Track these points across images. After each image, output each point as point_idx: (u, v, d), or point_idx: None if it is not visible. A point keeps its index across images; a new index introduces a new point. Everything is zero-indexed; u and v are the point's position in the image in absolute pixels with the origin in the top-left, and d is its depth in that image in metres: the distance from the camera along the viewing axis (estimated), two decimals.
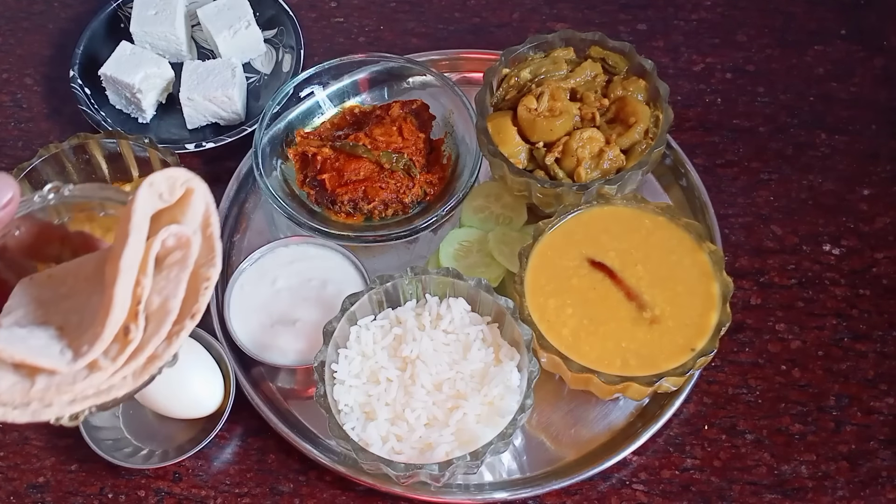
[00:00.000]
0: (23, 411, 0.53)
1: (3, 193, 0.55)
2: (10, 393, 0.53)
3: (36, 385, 0.53)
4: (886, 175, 1.09)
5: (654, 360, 0.87)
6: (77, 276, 0.59)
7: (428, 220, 1.01)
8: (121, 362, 0.53)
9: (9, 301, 0.58)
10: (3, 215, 0.55)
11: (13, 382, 0.53)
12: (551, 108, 0.98)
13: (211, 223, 0.56)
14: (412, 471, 0.83)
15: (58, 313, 0.57)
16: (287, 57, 1.19)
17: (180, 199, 0.55)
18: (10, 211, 0.55)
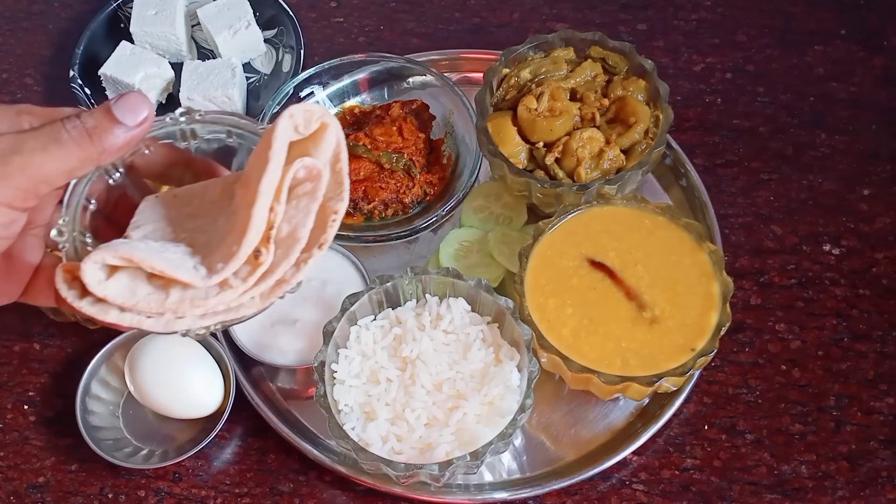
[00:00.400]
0: (156, 321, 0.55)
1: (139, 111, 0.56)
2: (146, 302, 0.54)
3: (170, 297, 0.54)
4: (886, 175, 1.09)
5: (654, 360, 0.87)
6: (202, 198, 0.61)
7: (428, 220, 1.01)
8: (250, 283, 0.55)
9: (135, 216, 0.61)
10: (139, 132, 0.57)
11: (148, 293, 0.55)
12: (551, 108, 0.98)
13: (340, 159, 0.58)
14: (412, 471, 0.83)
15: (184, 231, 0.59)
16: (287, 57, 1.19)
17: (313, 133, 0.57)
18: (144, 129, 0.57)
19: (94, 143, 0.55)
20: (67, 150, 0.55)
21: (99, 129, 0.56)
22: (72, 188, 0.60)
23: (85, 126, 0.56)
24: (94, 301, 0.54)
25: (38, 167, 0.54)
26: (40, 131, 0.55)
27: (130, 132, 0.56)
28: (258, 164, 0.55)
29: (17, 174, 0.53)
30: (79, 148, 0.55)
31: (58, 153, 0.55)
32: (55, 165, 0.55)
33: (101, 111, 0.56)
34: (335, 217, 0.57)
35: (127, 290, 0.54)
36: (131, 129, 0.56)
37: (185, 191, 0.62)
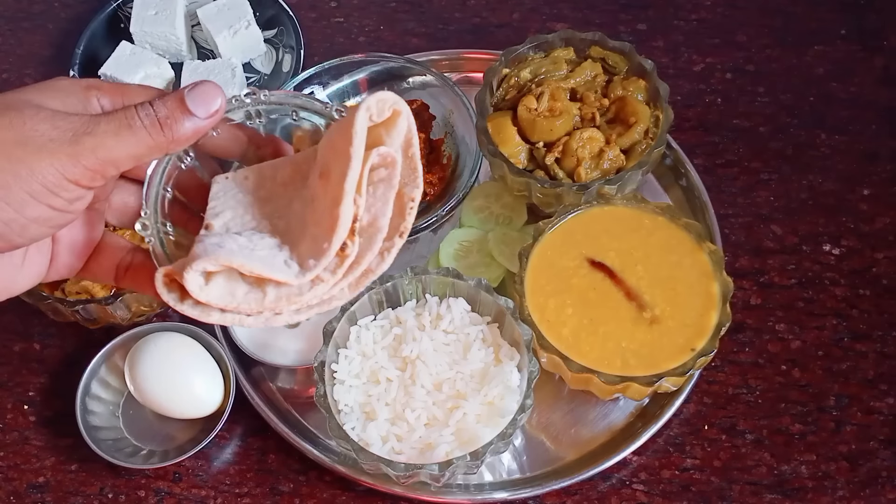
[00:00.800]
0: (256, 319, 0.57)
1: (212, 103, 0.57)
2: (246, 303, 0.56)
3: (268, 296, 0.56)
4: (886, 175, 1.09)
5: (654, 360, 0.87)
6: (273, 180, 0.62)
7: (428, 220, 1.01)
8: (339, 275, 0.56)
9: (211, 202, 0.62)
10: (209, 123, 0.58)
11: (246, 291, 0.56)
12: (551, 108, 0.98)
13: (412, 144, 0.58)
14: (412, 471, 0.83)
15: (263, 217, 0.60)
16: (287, 57, 1.19)
17: (386, 119, 0.57)
18: (215, 120, 0.58)
19: (164, 133, 0.56)
20: (138, 137, 0.56)
21: (171, 120, 0.56)
22: (149, 179, 0.61)
23: (157, 115, 0.56)
24: (195, 304, 0.56)
25: (108, 150, 0.55)
26: (113, 116, 0.56)
27: (201, 123, 0.57)
28: (338, 160, 0.56)
29: (88, 154, 0.55)
30: (149, 136, 0.56)
31: (129, 139, 0.56)
32: (125, 150, 0.56)
33: (174, 100, 0.57)
34: (412, 204, 0.58)
35: (226, 292, 0.56)
36: (202, 120, 0.57)
37: (256, 172, 0.63)
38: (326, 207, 0.56)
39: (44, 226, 0.57)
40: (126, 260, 0.64)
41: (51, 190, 0.54)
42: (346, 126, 0.56)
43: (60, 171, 0.54)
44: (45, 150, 0.54)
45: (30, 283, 0.62)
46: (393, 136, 0.58)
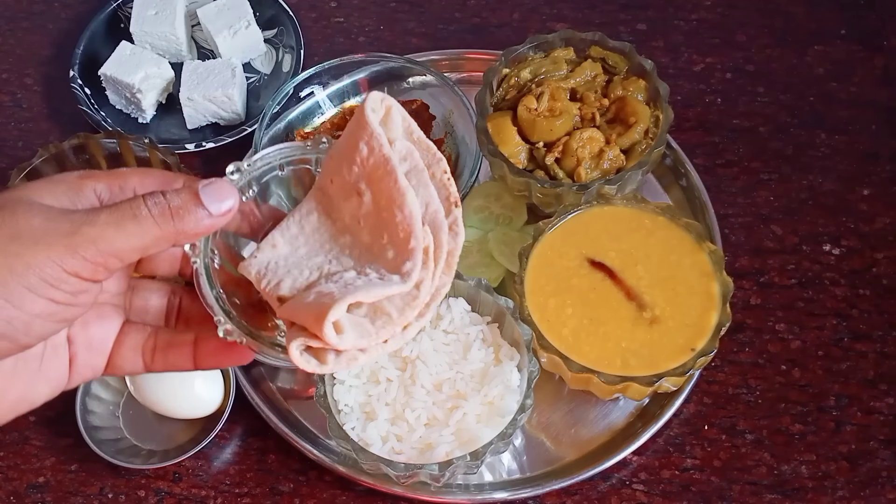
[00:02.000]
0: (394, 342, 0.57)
1: (225, 201, 0.57)
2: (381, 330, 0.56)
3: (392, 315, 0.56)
4: (886, 175, 1.09)
5: (654, 360, 0.87)
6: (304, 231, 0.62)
7: None
8: (431, 266, 0.57)
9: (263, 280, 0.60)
10: (221, 221, 0.57)
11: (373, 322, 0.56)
12: (551, 108, 0.98)
13: (413, 129, 0.59)
14: (412, 471, 0.83)
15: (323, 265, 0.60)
16: (287, 57, 1.19)
17: (383, 117, 0.58)
18: (226, 218, 0.57)
19: (174, 223, 0.55)
20: (143, 228, 0.54)
21: (183, 211, 0.55)
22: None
23: (169, 204, 0.55)
24: (337, 356, 0.56)
25: (109, 241, 0.53)
26: (117, 206, 0.55)
27: (213, 219, 0.56)
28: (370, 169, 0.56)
29: (87, 245, 0.53)
30: (157, 226, 0.55)
31: (133, 229, 0.54)
32: (128, 241, 0.54)
33: (187, 192, 0.56)
34: (447, 175, 0.59)
35: (359, 332, 0.56)
36: (214, 217, 0.56)
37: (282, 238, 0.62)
38: (383, 217, 0.57)
39: (49, 321, 0.55)
40: (150, 344, 0.63)
41: (50, 283, 0.53)
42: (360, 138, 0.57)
43: (58, 263, 0.52)
44: (42, 243, 0.52)
45: (51, 391, 0.60)
46: (392, 129, 0.58)
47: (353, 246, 0.60)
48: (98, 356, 0.62)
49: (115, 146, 1.05)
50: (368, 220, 0.58)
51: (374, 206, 0.58)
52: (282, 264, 0.61)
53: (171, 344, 0.62)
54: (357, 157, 0.57)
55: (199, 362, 0.63)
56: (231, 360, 0.64)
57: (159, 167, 1.05)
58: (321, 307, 0.54)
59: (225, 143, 1.11)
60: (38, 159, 1.02)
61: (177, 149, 1.09)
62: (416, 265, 0.56)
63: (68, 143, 1.03)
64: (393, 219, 0.56)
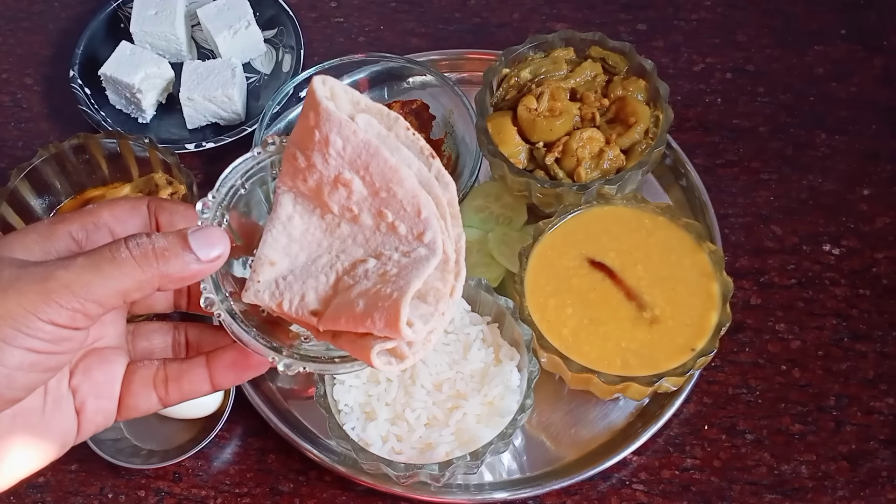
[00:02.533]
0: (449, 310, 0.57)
1: (215, 248, 0.55)
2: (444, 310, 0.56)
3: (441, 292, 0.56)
4: (886, 175, 1.09)
5: (654, 360, 0.87)
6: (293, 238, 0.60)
7: None
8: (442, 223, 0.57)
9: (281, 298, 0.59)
10: (208, 268, 0.55)
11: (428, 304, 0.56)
12: (551, 108, 0.98)
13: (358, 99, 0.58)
14: (412, 471, 0.83)
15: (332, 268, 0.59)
16: (287, 57, 1.19)
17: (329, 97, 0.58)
18: (214, 267, 0.55)
19: (159, 265, 0.52)
20: (123, 271, 0.52)
21: (169, 253, 0.53)
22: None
23: (154, 245, 0.53)
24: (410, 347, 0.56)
25: (85, 286, 0.51)
26: (95, 250, 0.52)
27: (200, 265, 0.54)
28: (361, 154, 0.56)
29: (61, 291, 0.50)
30: (138, 268, 0.52)
31: (111, 272, 0.51)
32: (107, 285, 0.51)
33: (175, 235, 0.54)
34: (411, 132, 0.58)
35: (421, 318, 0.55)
36: (201, 262, 0.54)
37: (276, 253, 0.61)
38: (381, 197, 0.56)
39: (32, 371, 0.52)
40: (161, 377, 0.61)
41: (25, 333, 0.50)
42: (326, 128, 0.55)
43: (30, 310, 0.50)
44: (12, 290, 0.50)
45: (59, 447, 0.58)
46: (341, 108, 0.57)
47: (356, 234, 0.59)
48: (107, 401, 0.59)
49: (115, 146, 1.05)
50: (363, 204, 0.58)
51: (368, 190, 0.57)
52: (291, 279, 0.59)
53: (183, 371, 0.60)
54: (331, 149, 0.56)
55: (217, 382, 0.61)
56: (249, 372, 0.62)
57: (159, 167, 1.05)
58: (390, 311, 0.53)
59: (225, 143, 1.11)
60: (38, 159, 1.02)
61: (177, 149, 1.09)
62: (437, 231, 0.56)
63: (68, 143, 1.03)
64: (394, 196, 0.56)
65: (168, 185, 1.03)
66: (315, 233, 0.60)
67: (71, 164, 1.05)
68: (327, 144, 0.56)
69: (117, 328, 0.60)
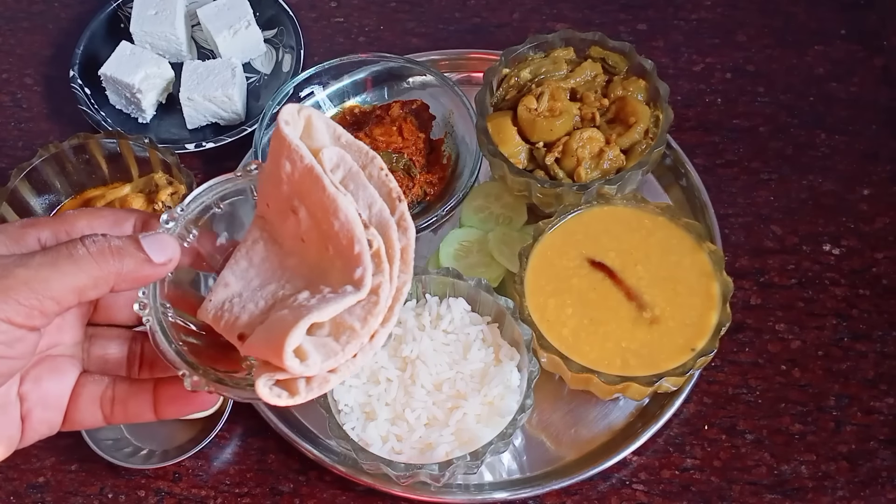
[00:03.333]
0: (363, 357, 0.55)
1: (166, 252, 0.56)
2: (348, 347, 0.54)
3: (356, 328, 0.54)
4: (886, 175, 1.09)
5: (654, 360, 0.87)
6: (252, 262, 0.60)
7: (428, 220, 1.01)
8: (387, 267, 0.55)
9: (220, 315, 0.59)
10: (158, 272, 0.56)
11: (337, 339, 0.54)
12: (551, 108, 0.98)
13: (339, 133, 0.58)
14: (412, 471, 0.83)
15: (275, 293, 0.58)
16: (287, 57, 1.19)
17: (305, 127, 0.57)
18: (164, 270, 0.56)
19: (114, 262, 0.53)
20: (80, 267, 0.52)
21: (124, 251, 0.54)
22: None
23: (109, 243, 0.53)
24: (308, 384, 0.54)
25: (44, 282, 0.51)
26: (52, 248, 0.53)
27: (152, 268, 0.55)
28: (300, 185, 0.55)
29: (20, 287, 0.50)
30: (95, 264, 0.53)
31: (69, 268, 0.52)
32: (65, 282, 0.52)
33: (128, 238, 0.55)
34: (385, 171, 0.57)
35: (322, 353, 0.53)
36: (154, 265, 0.55)
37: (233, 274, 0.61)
38: (322, 229, 0.55)
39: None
40: (108, 395, 0.60)
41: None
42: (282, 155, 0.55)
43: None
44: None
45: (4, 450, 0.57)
46: (318, 138, 0.57)
47: (301, 266, 0.58)
48: (54, 412, 0.59)
49: (115, 146, 1.05)
50: (310, 235, 0.56)
51: (311, 221, 0.56)
52: (236, 301, 0.59)
53: (131, 394, 0.60)
54: (283, 174, 0.55)
55: (160, 412, 0.61)
56: (192, 407, 0.62)
57: (159, 167, 1.05)
58: (279, 336, 0.52)
59: (225, 143, 1.11)
60: (38, 159, 1.02)
61: (177, 149, 1.09)
62: (367, 269, 0.54)
63: (68, 143, 1.03)
64: (332, 228, 0.54)
65: (168, 185, 1.03)
66: (272, 261, 0.60)
67: (71, 164, 1.05)
68: (280, 169, 0.55)
69: (74, 335, 0.60)
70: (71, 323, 0.59)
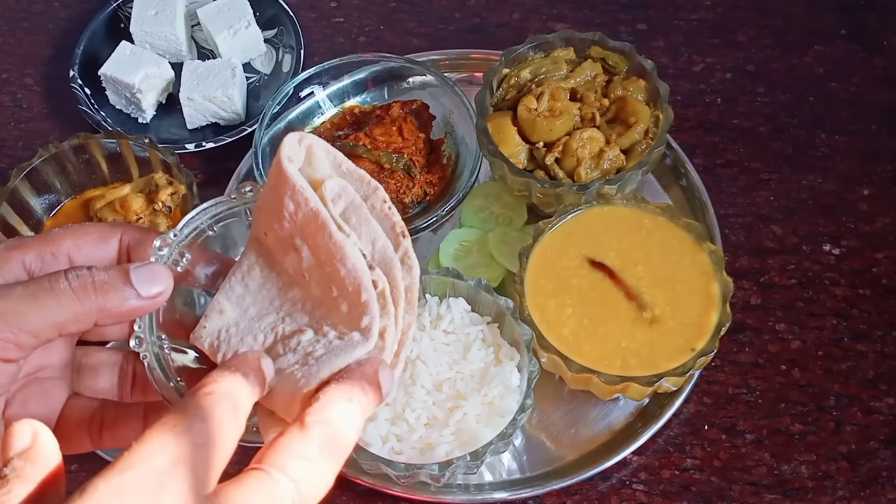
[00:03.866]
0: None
1: (156, 284, 0.54)
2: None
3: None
4: (886, 175, 1.09)
5: (654, 360, 0.87)
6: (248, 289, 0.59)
7: (428, 220, 1.01)
8: (392, 309, 0.54)
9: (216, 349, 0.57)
10: (148, 305, 0.54)
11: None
12: (551, 108, 0.98)
13: (341, 161, 0.57)
14: (412, 471, 0.83)
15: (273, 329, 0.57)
16: (287, 57, 1.19)
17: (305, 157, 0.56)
18: (155, 304, 0.54)
19: (97, 298, 0.51)
20: (60, 302, 0.51)
21: (108, 286, 0.52)
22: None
23: (93, 278, 0.52)
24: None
25: (21, 316, 0.49)
26: (33, 280, 0.51)
27: (140, 301, 0.53)
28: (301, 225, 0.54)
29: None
30: (76, 300, 0.51)
31: (48, 303, 0.50)
32: (43, 317, 0.50)
33: (116, 270, 0.53)
34: (388, 204, 0.56)
35: None
36: (142, 298, 0.53)
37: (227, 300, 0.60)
38: (327, 271, 0.54)
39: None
40: (97, 420, 0.59)
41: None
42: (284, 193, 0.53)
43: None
44: None
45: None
46: (319, 168, 0.56)
47: (304, 300, 0.57)
48: None
49: (115, 146, 1.05)
50: (313, 273, 0.55)
51: (315, 261, 0.55)
52: (233, 332, 0.57)
53: (119, 418, 0.59)
54: (285, 212, 0.54)
55: None
56: None
57: (159, 167, 1.05)
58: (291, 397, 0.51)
59: (225, 143, 1.11)
60: (38, 159, 1.02)
61: (177, 149, 1.09)
62: (374, 317, 0.53)
63: (68, 143, 1.03)
64: (337, 273, 0.53)
65: (168, 185, 1.03)
66: (271, 289, 0.58)
67: (71, 164, 1.05)
68: (282, 207, 0.54)
69: (62, 357, 0.59)
70: (59, 345, 0.58)
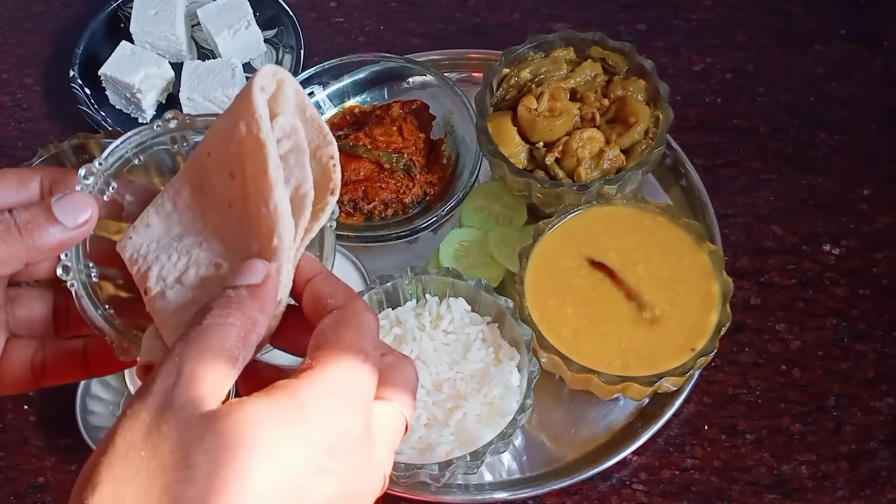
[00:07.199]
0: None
1: (81, 213, 0.54)
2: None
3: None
4: (886, 175, 1.09)
5: (654, 360, 0.87)
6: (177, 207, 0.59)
7: (428, 220, 1.01)
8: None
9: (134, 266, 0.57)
10: (76, 235, 0.54)
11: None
12: (551, 108, 0.98)
13: (307, 106, 0.56)
14: (412, 471, 0.83)
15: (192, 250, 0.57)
16: (287, 57, 1.19)
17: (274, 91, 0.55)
18: (83, 232, 0.55)
19: (22, 239, 0.52)
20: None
21: (31, 225, 0.53)
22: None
23: (16, 220, 0.52)
24: None
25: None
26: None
27: (67, 233, 0.54)
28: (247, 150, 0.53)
29: None
30: (3, 244, 0.52)
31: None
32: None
33: (38, 207, 0.53)
34: (333, 161, 0.56)
35: None
36: (69, 229, 0.54)
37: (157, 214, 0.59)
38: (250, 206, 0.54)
39: None
40: (38, 357, 0.60)
41: None
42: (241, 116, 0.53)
43: None
44: None
45: None
46: (283, 105, 0.55)
47: (223, 228, 0.56)
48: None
49: None
50: (237, 204, 0.55)
51: (243, 191, 0.54)
52: (153, 248, 0.57)
53: (60, 355, 0.60)
54: (235, 134, 0.53)
55: (92, 370, 0.61)
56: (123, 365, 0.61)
57: None
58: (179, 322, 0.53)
59: None
60: (38, 159, 1.02)
61: None
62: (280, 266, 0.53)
63: (68, 143, 1.03)
64: (258, 210, 0.53)
65: None
66: (195, 211, 0.58)
67: (71, 164, 1.04)
68: (235, 129, 0.54)
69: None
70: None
